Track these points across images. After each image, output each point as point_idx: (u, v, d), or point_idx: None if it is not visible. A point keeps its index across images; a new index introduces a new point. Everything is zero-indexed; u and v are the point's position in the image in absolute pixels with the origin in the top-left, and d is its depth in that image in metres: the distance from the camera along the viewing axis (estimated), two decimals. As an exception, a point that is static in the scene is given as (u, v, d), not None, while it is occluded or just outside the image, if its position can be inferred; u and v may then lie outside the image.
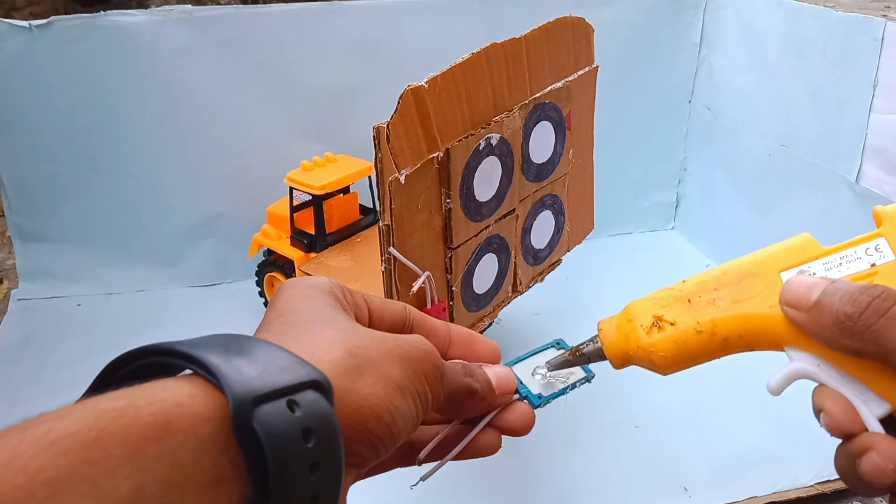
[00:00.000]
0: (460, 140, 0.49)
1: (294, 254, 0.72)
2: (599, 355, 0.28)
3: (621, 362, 0.27)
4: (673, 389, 0.68)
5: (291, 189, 0.72)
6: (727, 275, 0.26)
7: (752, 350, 0.26)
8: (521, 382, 0.30)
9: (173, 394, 0.17)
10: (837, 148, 0.68)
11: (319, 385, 0.19)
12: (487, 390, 0.27)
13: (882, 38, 0.62)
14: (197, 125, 0.80)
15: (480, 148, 0.50)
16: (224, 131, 0.80)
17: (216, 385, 0.18)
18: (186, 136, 0.80)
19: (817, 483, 0.57)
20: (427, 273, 0.50)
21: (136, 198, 0.81)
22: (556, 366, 0.30)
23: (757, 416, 0.64)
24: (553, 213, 0.63)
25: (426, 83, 0.45)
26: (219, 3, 0.84)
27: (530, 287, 0.64)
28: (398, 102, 0.44)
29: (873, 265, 0.25)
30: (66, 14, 0.72)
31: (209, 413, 0.17)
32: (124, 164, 0.79)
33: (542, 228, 0.62)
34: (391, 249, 0.47)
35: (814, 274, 0.25)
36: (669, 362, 0.26)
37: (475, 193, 0.52)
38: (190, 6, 0.75)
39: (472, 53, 0.49)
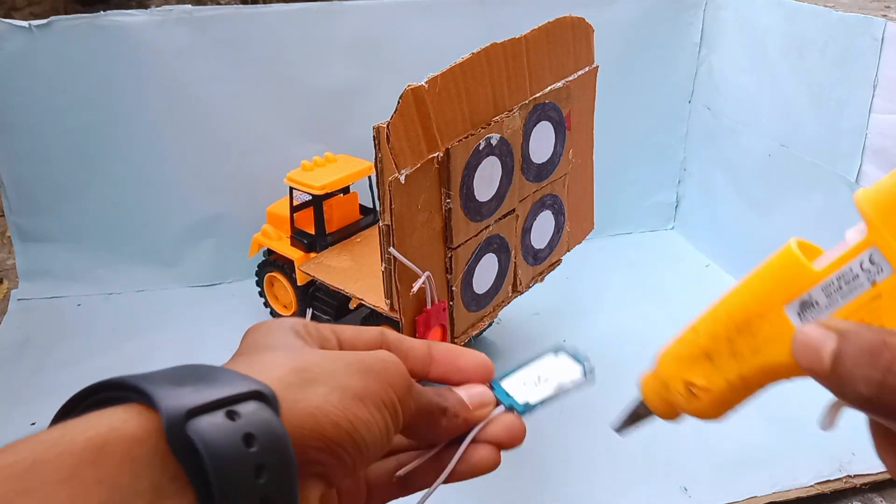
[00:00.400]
0: (460, 140, 0.49)
1: (294, 254, 0.72)
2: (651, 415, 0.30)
3: (676, 420, 0.28)
4: (673, 389, 0.68)
5: (291, 189, 0.72)
6: (732, 318, 0.25)
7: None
8: (506, 393, 0.30)
9: (108, 420, 0.17)
10: (837, 148, 0.68)
11: (261, 395, 0.19)
12: (460, 406, 0.27)
13: (882, 38, 0.62)
14: (197, 125, 0.80)
15: (480, 148, 0.50)
16: (224, 131, 0.80)
17: (151, 406, 0.17)
18: (186, 136, 0.80)
19: (817, 483, 0.57)
20: (427, 273, 0.50)
21: (136, 198, 0.81)
22: (620, 427, 0.32)
23: (757, 416, 0.64)
24: (553, 213, 0.63)
25: (426, 83, 0.45)
26: (219, 3, 0.84)
27: (530, 287, 0.64)
28: (398, 102, 0.44)
29: (874, 283, 0.22)
30: (66, 14, 0.72)
31: (144, 434, 0.17)
32: (124, 164, 0.79)
33: (542, 228, 0.62)
34: (391, 250, 0.47)
35: (817, 304, 0.23)
36: (716, 415, 0.26)
37: (475, 193, 0.52)
38: (190, 6, 0.75)
39: (472, 53, 0.49)
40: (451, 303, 0.55)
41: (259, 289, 0.79)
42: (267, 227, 0.77)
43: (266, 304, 0.79)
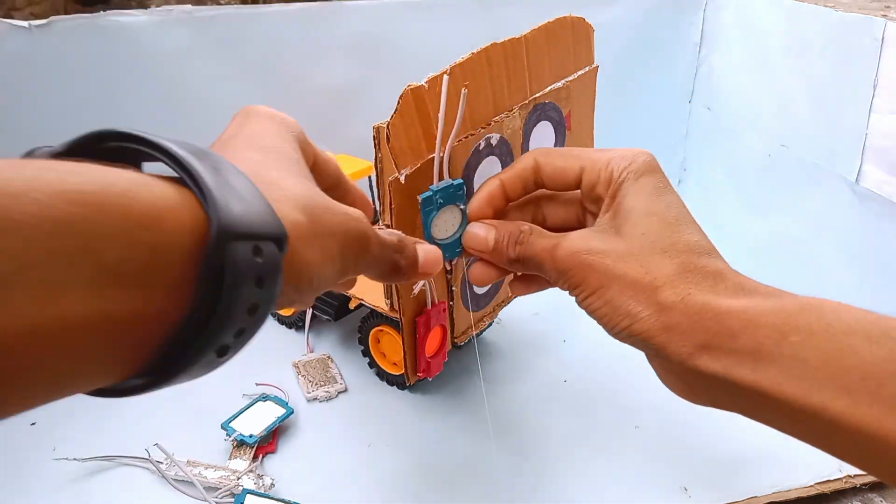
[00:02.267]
0: (460, 140, 0.49)
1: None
2: None
3: None
4: (673, 389, 0.68)
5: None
6: None
7: None
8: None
9: (166, 195, 0.20)
10: (837, 148, 0.68)
11: (281, 242, 0.22)
12: (411, 268, 0.34)
13: (882, 38, 0.62)
14: (197, 125, 0.79)
15: (480, 148, 0.50)
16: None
17: (203, 208, 0.20)
18: (186, 136, 0.78)
19: (817, 483, 0.57)
20: None
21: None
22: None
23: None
24: None
25: (426, 83, 0.45)
26: (219, 3, 0.84)
27: None
28: (398, 102, 0.44)
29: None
30: (66, 14, 0.72)
31: (192, 227, 0.20)
32: (124, 164, 0.79)
33: None
34: None
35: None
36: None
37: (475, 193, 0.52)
38: (190, 6, 0.75)
39: (472, 53, 0.49)
40: (450, 303, 0.55)
41: None
42: None
43: None
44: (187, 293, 0.19)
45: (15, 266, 0.16)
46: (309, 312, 0.75)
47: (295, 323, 0.76)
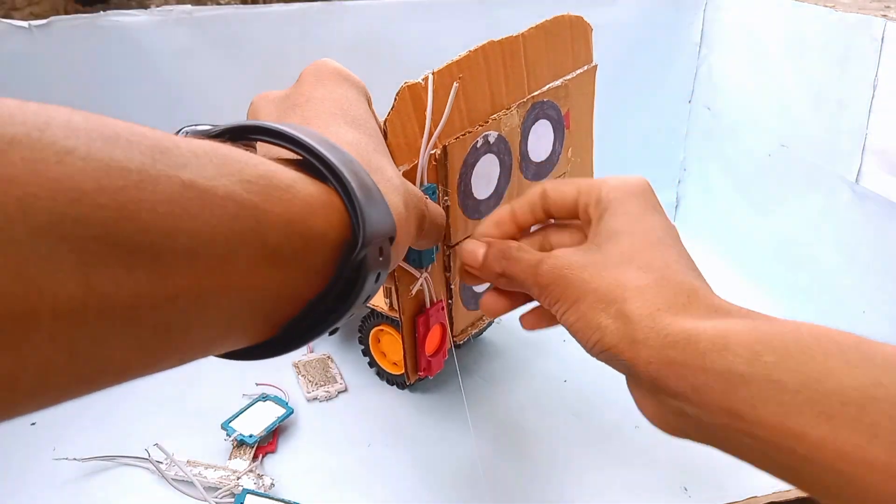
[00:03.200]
0: (457, 137, 0.49)
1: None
2: None
3: None
4: (673, 389, 0.68)
5: None
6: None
7: None
8: None
9: (319, 194, 0.23)
10: (837, 148, 0.68)
11: (393, 238, 0.26)
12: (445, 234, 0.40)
13: (882, 38, 0.62)
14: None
15: (478, 145, 0.50)
16: (224, 131, 0.80)
17: (346, 210, 0.24)
18: (186, 136, 0.80)
19: (817, 483, 0.57)
20: (425, 275, 0.50)
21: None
22: None
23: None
24: None
25: (423, 80, 0.45)
26: (219, 3, 0.84)
27: None
28: (394, 99, 0.44)
29: None
30: (66, 14, 0.72)
31: (339, 226, 0.24)
32: (124, 164, 0.79)
33: None
34: None
35: None
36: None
37: (473, 191, 0.52)
38: (190, 6, 0.75)
39: (470, 51, 0.49)
40: (450, 301, 0.55)
41: None
42: None
43: None
44: (323, 279, 0.24)
45: (203, 240, 0.18)
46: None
47: None
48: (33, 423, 0.63)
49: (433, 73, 0.45)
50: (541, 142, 0.58)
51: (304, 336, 0.24)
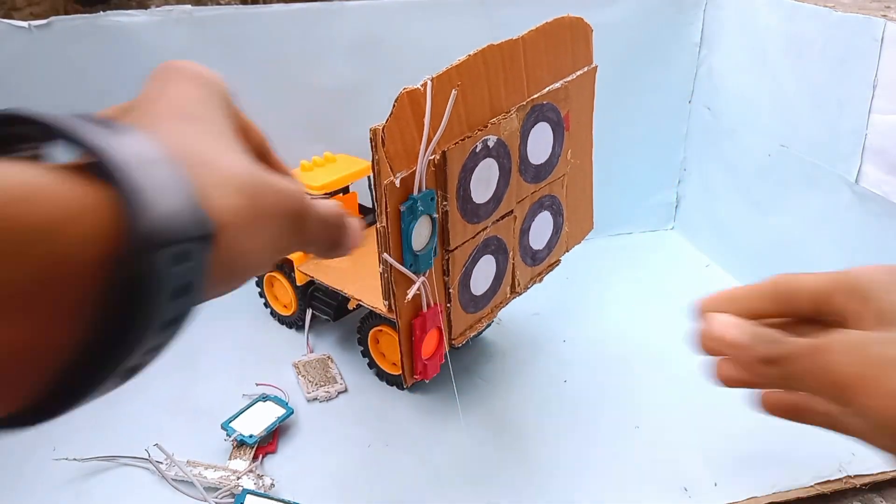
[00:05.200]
0: (457, 142, 0.49)
1: (293, 253, 0.72)
2: None
3: None
4: (673, 389, 0.68)
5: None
6: None
7: None
8: None
9: (73, 195, 0.16)
10: (837, 148, 0.68)
11: (208, 240, 0.18)
12: (349, 242, 0.29)
13: (882, 38, 0.62)
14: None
15: (477, 150, 0.50)
16: (224, 131, 0.80)
17: (119, 208, 0.16)
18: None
19: (817, 483, 0.57)
20: (422, 279, 0.50)
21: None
22: None
23: (757, 416, 0.64)
24: (552, 213, 0.63)
25: (421, 86, 0.45)
26: (219, 3, 0.84)
27: (528, 288, 0.64)
28: (393, 105, 0.44)
29: None
30: (66, 14, 0.72)
31: (103, 233, 0.16)
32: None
33: (541, 229, 0.62)
34: (385, 256, 0.47)
35: None
36: None
37: (472, 195, 0.52)
38: (190, 6, 0.75)
39: (469, 55, 0.49)
40: (448, 304, 0.55)
41: (259, 289, 0.79)
42: None
43: (266, 305, 0.79)
44: (89, 313, 0.16)
45: None
46: (309, 313, 0.75)
47: (295, 323, 0.76)
48: (33, 424, 0.63)
49: (432, 80, 0.45)
50: (540, 144, 0.58)
51: (76, 395, 0.17)
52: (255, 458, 0.58)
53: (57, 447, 0.60)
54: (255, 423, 0.61)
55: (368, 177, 0.75)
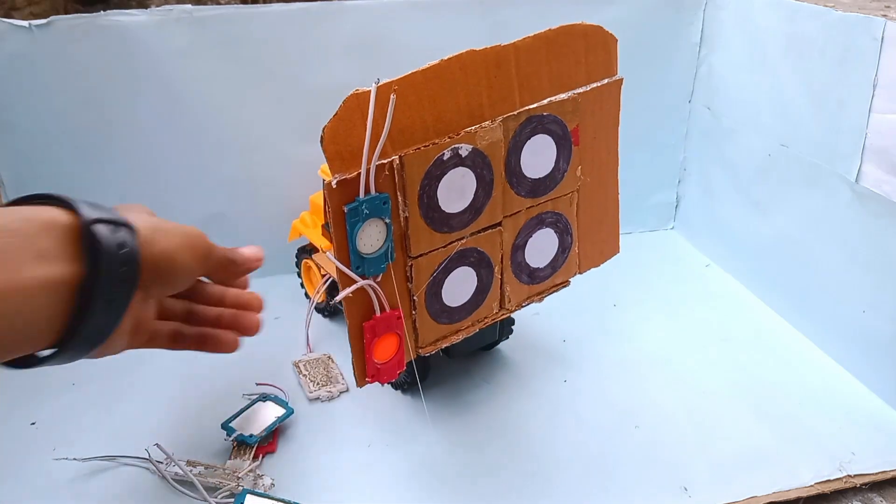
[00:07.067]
0: (418, 149, 0.47)
1: (322, 243, 0.73)
2: None
3: None
4: (673, 389, 0.68)
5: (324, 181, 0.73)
6: None
7: None
8: None
9: (52, 212, 0.32)
10: (837, 148, 0.68)
11: (131, 227, 0.33)
12: (243, 258, 0.43)
13: (882, 38, 0.62)
14: (197, 125, 0.80)
15: (445, 158, 0.48)
16: (224, 131, 0.80)
17: (75, 212, 0.32)
18: (186, 136, 0.80)
19: (817, 483, 0.57)
20: (366, 281, 0.48)
21: (136, 198, 0.81)
22: None
23: (757, 416, 0.64)
24: (556, 231, 0.59)
25: (375, 88, 0.44)
26: (219, 3, 0.84)
27: (524, 306, 0.61)
28: (339, 106, 0.44)
29: None
30: (66, 14, 0.72)
31: (69, 223, 0.31)
32: (124, 163, 0.79)
33: (541, 246, 0.59)
34: (328, 254, 0.47)
35: None
36: None
37: (440, 204, 0.50)
38: (190, 6, 0.75)
39: (442, 60, 0.47)
40: (413, 311, 0.53)
41: (297, 270, 0.83)
42: (305, 215, 0.78)
43: (301, 286, 0.84)
44: (82, 262, 0.31)
45: None
46: (309, 313, 0.75)
47: (324, 310, 0.79)
48: (33, 423, 0.63)
49: (376, 84, 0.44)
50: (538, 157, 0.55)
51: (85, 318, 0.31)
52: (255, 458, 0.58)
53: (57, 447, 0.60)
54: (255, 422, 0.61)
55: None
